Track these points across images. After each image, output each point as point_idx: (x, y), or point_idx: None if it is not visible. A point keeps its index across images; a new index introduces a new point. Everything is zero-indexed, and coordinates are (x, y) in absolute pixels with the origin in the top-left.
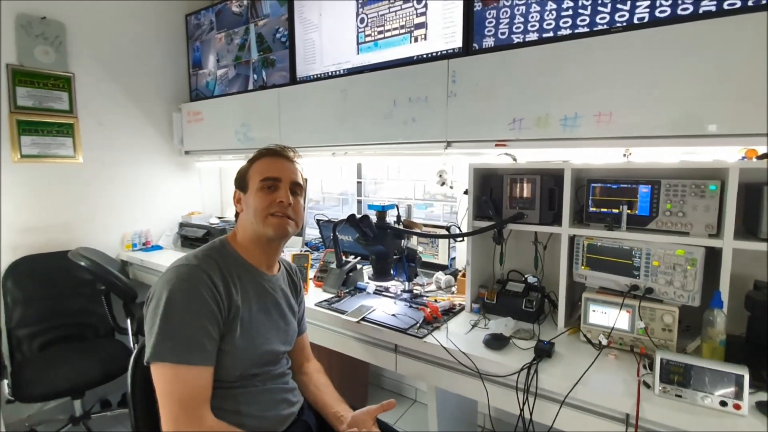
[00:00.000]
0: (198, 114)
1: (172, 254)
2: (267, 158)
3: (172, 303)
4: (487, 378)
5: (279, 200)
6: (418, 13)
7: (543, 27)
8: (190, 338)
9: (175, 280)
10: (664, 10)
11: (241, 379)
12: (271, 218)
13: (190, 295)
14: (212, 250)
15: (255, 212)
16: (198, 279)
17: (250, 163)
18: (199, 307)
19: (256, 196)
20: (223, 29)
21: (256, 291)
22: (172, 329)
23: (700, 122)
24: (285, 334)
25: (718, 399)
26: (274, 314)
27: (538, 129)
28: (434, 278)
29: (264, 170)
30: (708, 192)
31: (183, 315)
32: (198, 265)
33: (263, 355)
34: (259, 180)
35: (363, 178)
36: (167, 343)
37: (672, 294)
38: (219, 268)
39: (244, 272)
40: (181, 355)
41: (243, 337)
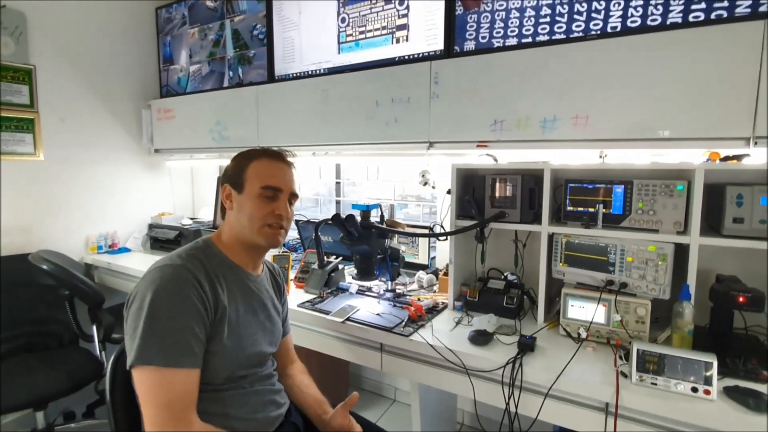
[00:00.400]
0: (169, 111)
1: (141, 257)
2: (268, 161)
3: (157, 304)
4: (473, 373)
5: (278, 212)
6: (400, 15)
7: (522, 32)
8: (178, 340)
9: (160, 280)
10: (635, 20)
11: (228, 381)
12: (266, 229)
13: (176, 296)
14: (196, 250)
15: (250, 219)
16: (184, 279)
17: (247, 161)
18: (185, 307)
19: (254, 203)
20: (197, 24)
21: (242, 291)
22: (158, 331)
23: (662, 127)
24: (271, 335)
25: (689, 385)
26: (261, 315)
27: (519, 130)
28: (416, 277)
29: (265, 176)
30: (676, 192)
31: (169, 316)
32: (183, 264)
33: (251, 356)
34: (259, 186)
35: (341, 179)
36: (153, 345)
37: (645, 288)
38: (204, 269)
39: (230, 272)
40: (169, 358)
41: (230, 339)
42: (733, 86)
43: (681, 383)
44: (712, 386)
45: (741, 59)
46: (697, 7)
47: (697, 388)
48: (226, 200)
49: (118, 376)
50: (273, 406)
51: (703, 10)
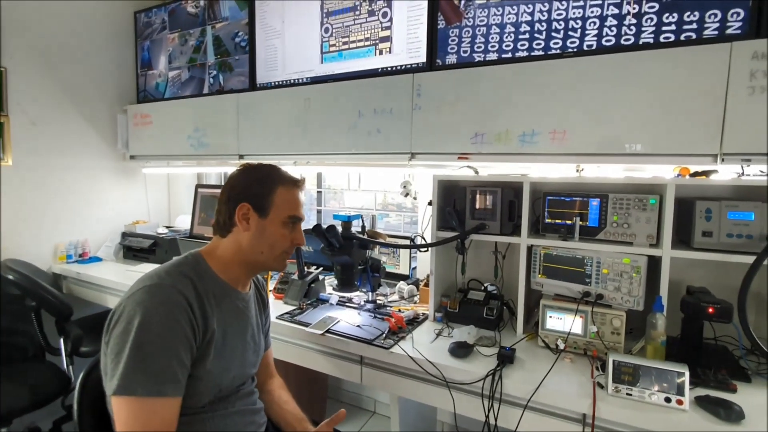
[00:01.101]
0: (146, 117)
1: (113, 266)
2: (293, 190)
3: (145, 330)
4: (453, 386)
5: (297, 242)
6: (383, 27)
7: (502, 48)
8: (164, 369)
9: (149, 301)
10: (609, 40)
11: (210, 404)
12: (284, 255)
13: (165, 321)
14: (185, 267)
15: (272, 246)
16: (174, 302)
17: (274, 185)
18: (174, 334)
19: (280, 231)
20: (177, 29)
21: (231, 312)
22: (144, 359)
23: (636, 143)
24: (256, 354)
25: (663, 396)
26: (248, 334)
27: (499, 144)
28: (397, 288)
29: (292, 205)
30: (649, 205)
31: (157, 344)
32: (173, 284)
33: (236, 378)
34: (287, 215)
35: (322, 189)
36: (138, 375)
37: (620, 299)
38: (194, 288)
39: (220, 292)
40: (152, 387)
41: (216, 362)
42: (702, 105)
43: (655, 394)
44: (685, 396)
45: (709, 79)
46: (667, 28)
47: (670, 398)
48: (242, 220)
49: (86, 393)
50: (253, 426)
51: (673, 31)
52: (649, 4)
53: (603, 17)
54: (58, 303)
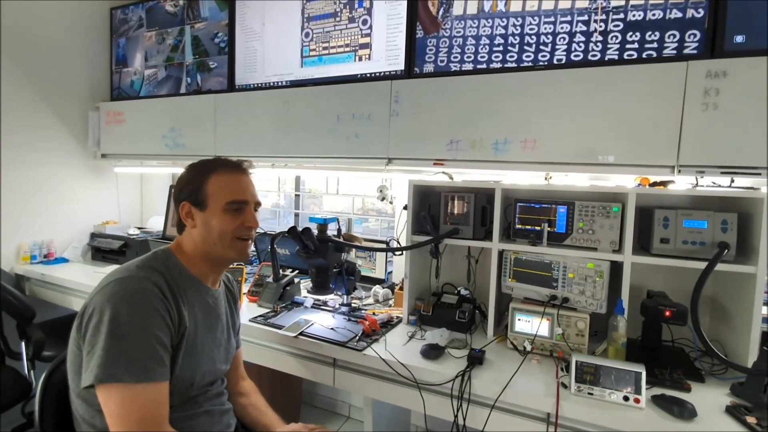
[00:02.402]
0: (119, 115)
1: (80, 268)
2: (229, 174)
3: (119, 318)
4: (423, 387)
5: (248, 224)
6: (363, 34)
7: (478, 59)
8: (148, 354)
9: (122, 292)
10: (578, 55)
11: (181, 403)
12: (237, 242)
13: (140, 308)
14: (156, 262)
15: (220, 235)
16: (148, 290)
17: (205, 175)
18: (152, 319)
19: (222, 218)
20: (154, 28)
21: (202, 307)
22: (124, 346)
23: (601, 153)
24: (227, 352)
25: (621, 395)
26: (218, 331)
27: (473, 151)
28: (372, 291)
29: (229, 191)
30: (612, 213)
31: (135, 329)
32: (146, 276)
33: (206, 374)
34: (225, 202)
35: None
36: (120, 361)
37: (584, 303)
38: (166, 281)
39: (191, 287)
40: (140, 374)
41: (187, 357)
42: (661, 119)
43: (614, 393)
44: (642, 395)
45: (667, 95)
46: (631, 46)
47: (628, 397)
48: (187, 218)
49: (48, 397)
50: (221, 425)
51: (636, 49)
52: (614, 23)
53: (572, 33)
54: (19, 305)
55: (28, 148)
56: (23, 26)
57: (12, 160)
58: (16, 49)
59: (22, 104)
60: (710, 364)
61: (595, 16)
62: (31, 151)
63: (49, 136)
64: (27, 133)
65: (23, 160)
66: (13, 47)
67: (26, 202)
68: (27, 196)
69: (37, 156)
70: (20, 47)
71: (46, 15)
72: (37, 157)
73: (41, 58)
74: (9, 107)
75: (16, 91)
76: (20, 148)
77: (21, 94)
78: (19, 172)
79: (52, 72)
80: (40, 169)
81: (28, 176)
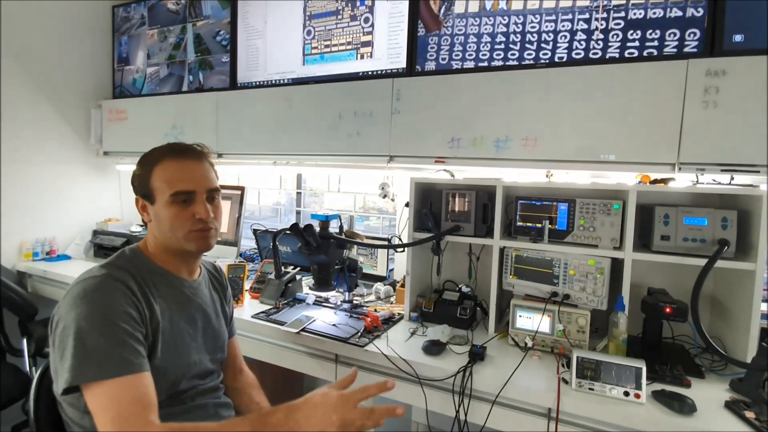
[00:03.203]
0: (122, 112)
1: (82, 264)
2: (172, 162)
3: (84, 319)
4: (425, 383)
5: (198, 216)
6: (365, 32)
7: (479, 57)
8: (120, 345)
9: (83, 293)
10: (579, 53)
11: (169, 398)
12: (192, 234)
13: (104, 305)
14: (122, 260)
15: (171, 229)
16: (110, 287)
17: (150, 166)
18: (118, 313)
19: (169, 211)
20: (156, 26)
21: (177, 300)
22: (92, 344)
23: (602, 151)
24: (214, 341)
25: (622, 390)
26: (199, 321)
27: (474, 148)
28: (374, 288)
29: (172, 180)
30: (613, 210)
31: (101, 326)
32: (108, 274)
33: (190, 366)
34: (169, 194)
35: (302, 189)
36: (90, 360)
37: (585, 299)
38: (133, 278)
39: (162, 281)
40: (112, 368)
41: (167, 352)
42: (662, 117)
43: (615, 388)
44: (642, 390)
45: (668, 93)
46: (632, 44)
47: (629, 392)
48: (142, 212)
49: (43, 394)
50: (217, 418)
51: (636, 47)
52: (616, 21)
53: (573, 31)
54: (21, 302)
55: (31, 145)
56: (26, 24)
57: (15, 158)
58: (19, 48)
59: (25, 102)
60: (710, 360)
61: (596, 14)
62: (34, 149)
63: (52, 133)
64: (30, 131)
65: (26, 157)
66: (16, 45)
67: (29, 200)
68: (29, 194)
69: (40, 153)
70: (23, 45)
71: (49, 13)
72: (40, 154)
73: (44, 57)
74: (12, 105)
75: (19, 89)
76: (23, 146)
77: (24, 92)
78: (22, 170)
79: (54, 70)
80: (42, 167)
81: (30, 173)
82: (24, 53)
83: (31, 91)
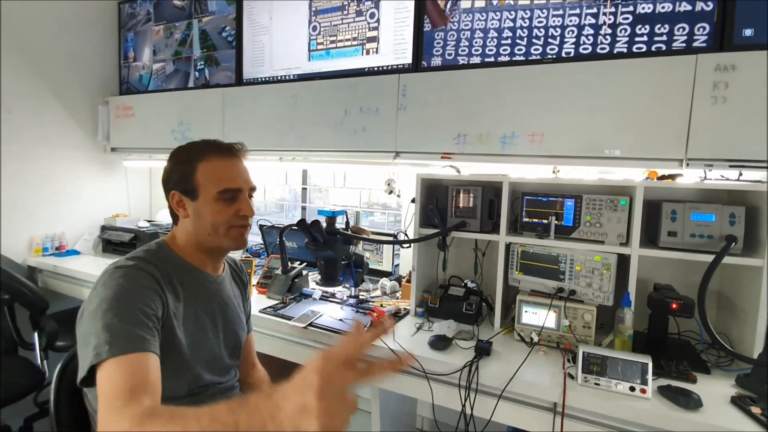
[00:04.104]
0: (129, 109)
1: (91, 259)
2: (219, 160)
3: (112, 299)
4: (431, 377)
5: (242, 213)
6: (371, 28)
7: (485, 52)
8: (135, 324)
9: (112, 280)
10: (586, 48)
11: (190, 394)
12: (233, 231)
13: (125, 287)
14: (148, 253)
15: (213, 225)
16: (135, 275)
17: (193, 162)
18: (138, 295)
19: (214, 208)
20: (162, 22)
21: (201, 294)
22: (115, 323)
23: (608, 147)
24: (234, 337)
25: (628, 385)
26: (221, 317)
27: (480, 144)
28: (379, 284)
29: (220, 178)
30: (620, 206)
31: (119, 305)
32: (135, 264)
33: (211, 361)
34: (216, 191)
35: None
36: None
37: (591, 295)
38: (159, 270)
39: (187, 275)
40: (125, 345)
41: (190, 345)
42: (670, 112)
43: (620, 383)
44: (648, 386)
45: (676, 88)
46: (640, 39)
47: (635, 387)
48: (179, 208)
49: (63, 387)
50: None
51: (645, 42)
52: (624, 16)
53: (580, 26)
54: (32, 296)
55: (39, 142)
56: (32, 22)
57: (23, 154)
58: (26, 45)
59: (32, 99)
60: (716, 356)
61: (604, 9)
62: (42, 145)
63: (60, 130)
64: (37, 128)
65: (34, 153)
66: (23, 42)
67: (38, 196)
68: (39, 190)
69: (48, 150)
70: (30, 42)
71: (55, 10)
72: (48, 151)
73: (50, 54)
74: (19, 102)
75: (26, 86)
76: (31, 142)
77: (31, 89)
78: (31, 166)
79: (61, 67)
80: (51, 163)
81: (40, 170)
82: (30, 50)
83: (38, 89)
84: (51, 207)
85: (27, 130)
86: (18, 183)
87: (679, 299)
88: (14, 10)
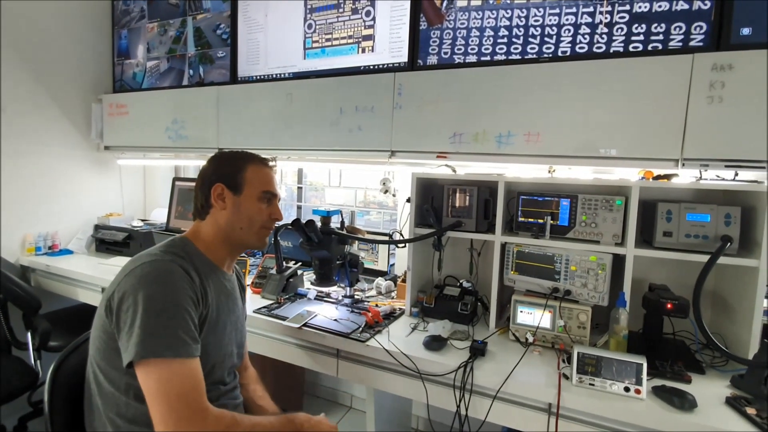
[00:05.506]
0: (122, 107)
1: (84, 259)
2: (263, 168)
3: (154, 297)
4: (426, 378)
5: (275, 217)
6: (366, 26)
7: (481, 51)
8: (186, 330)
9: (153, 273)
10: (582, 47)
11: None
12: (263, 231)
13: (173, 287)
14: (176, 248)
15: (250, 221)
16: (176, 271)
17: (243, 162)
18: (184, 297)
19: (256, 206)
20: (156, 19)
21: (221, 290)
22: (162, 323)
23: (605, 146)
24: (241, 335)
25: (622, 385)
26: (233, 314)
27: (476, 144)
28: (375, 284)
29: (264, 181)
30: (615, 206)
31: (171, 307)
32: (172, 259)
33: (226, 356)
34: (261, 190)
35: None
36: (159, 338)
37: (586, 295)
38: (191, 264)
39: (210, 271)
40: (179, 349)
41: (211, 337)
42: (666, 112)
43: (615, 383)
44: (642, 386)
45: (672, 88)
46: (636, 38)
47: (629, 387)
48: (218, 200)
49: (57, 386)
50: None
51: (641, 41)
52: (620, 15)
53: (577, 25)
54: (25, 296)
55: (32, 139)
56: (26, 18)
57: (16, 152)
58: (19, 42)
59: (25, 96)
60: (711, 356)
61: (600, 8)
62: (35, 143)
63: (53, 128)
64: (30, 125)
65: (27, 151)
66: (16, 39)
67: (31, 194)
68: (31, 188)
69: (41, 148)
70: (23, 39)
71: (48, 7)
72: (41, 148)
73: (44, 50)
74: (12, 99)
75: (19, 83)
76: (24, 140)
77: (24, 86)
78: (24, 164)
79: (54, 64)
80: (44, 161)
81: (32, 168)
82: (24, 48)
83: (32, 86)
84: (44, 206)
85: (20, 127)
86: (10, 181)
87: (674, 299)
88: (7, 6)
